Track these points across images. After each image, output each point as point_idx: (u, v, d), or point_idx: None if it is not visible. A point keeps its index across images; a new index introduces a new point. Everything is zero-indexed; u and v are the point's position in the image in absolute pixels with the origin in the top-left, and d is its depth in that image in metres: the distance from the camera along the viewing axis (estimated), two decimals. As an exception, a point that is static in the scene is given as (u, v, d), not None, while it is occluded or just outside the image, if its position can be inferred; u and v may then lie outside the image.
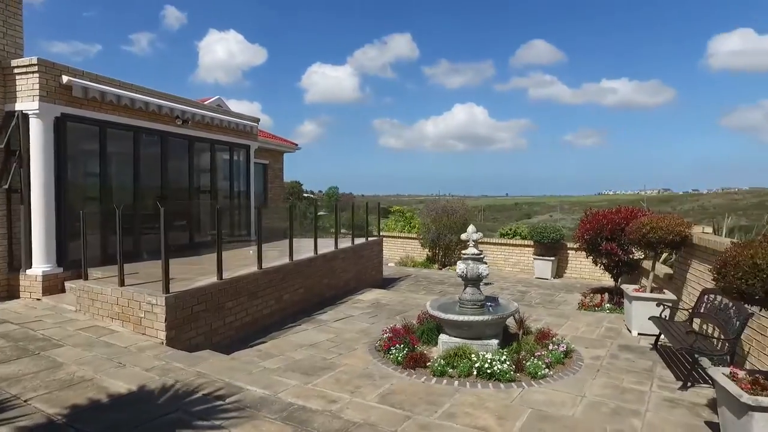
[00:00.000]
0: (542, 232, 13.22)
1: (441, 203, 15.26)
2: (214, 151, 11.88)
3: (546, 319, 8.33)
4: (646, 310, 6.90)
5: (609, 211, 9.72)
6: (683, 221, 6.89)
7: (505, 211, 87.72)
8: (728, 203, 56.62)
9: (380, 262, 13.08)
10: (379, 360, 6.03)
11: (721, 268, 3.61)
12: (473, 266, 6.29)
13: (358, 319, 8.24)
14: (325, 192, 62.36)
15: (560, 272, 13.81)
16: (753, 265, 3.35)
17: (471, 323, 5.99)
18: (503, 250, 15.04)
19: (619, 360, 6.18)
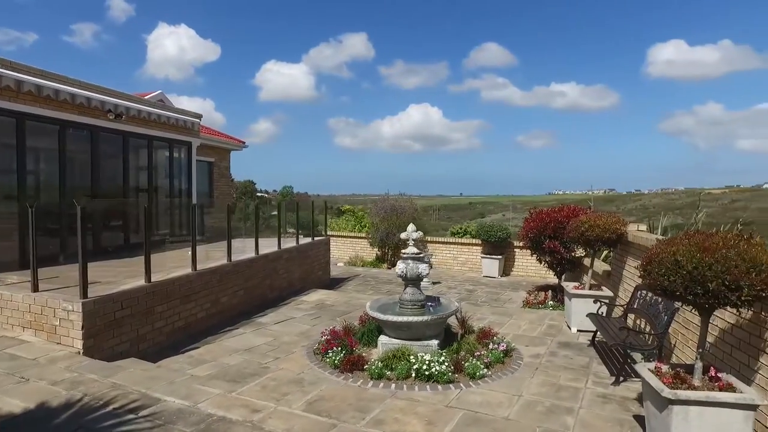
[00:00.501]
0: (489, 231, 13.35)
1: (389, 202, 15.17)
2: (153, 148, 11.32)
3: (490, 317, 8.35)
4: (584, 307, 6.99)
5: (552, 209, 9.87)
6: (619, 219, 7.03)
7: (459, 210, 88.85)
8: (666, 203, 59.52)
9: (327, 262, 12.84)
10: (317, 364, 5.82)
11: (647, 265, 3.62)
12: (413, 266, 6.18)
13: (300, 321, 8.00)
14: (279, 191, 61.35)
15: (507, 270, 13.99)
16: (674, 262, 3.37)
17: (410, 324, 5.87)
18: (452, 249, 15.10)
19: (557, 357, 6.22)
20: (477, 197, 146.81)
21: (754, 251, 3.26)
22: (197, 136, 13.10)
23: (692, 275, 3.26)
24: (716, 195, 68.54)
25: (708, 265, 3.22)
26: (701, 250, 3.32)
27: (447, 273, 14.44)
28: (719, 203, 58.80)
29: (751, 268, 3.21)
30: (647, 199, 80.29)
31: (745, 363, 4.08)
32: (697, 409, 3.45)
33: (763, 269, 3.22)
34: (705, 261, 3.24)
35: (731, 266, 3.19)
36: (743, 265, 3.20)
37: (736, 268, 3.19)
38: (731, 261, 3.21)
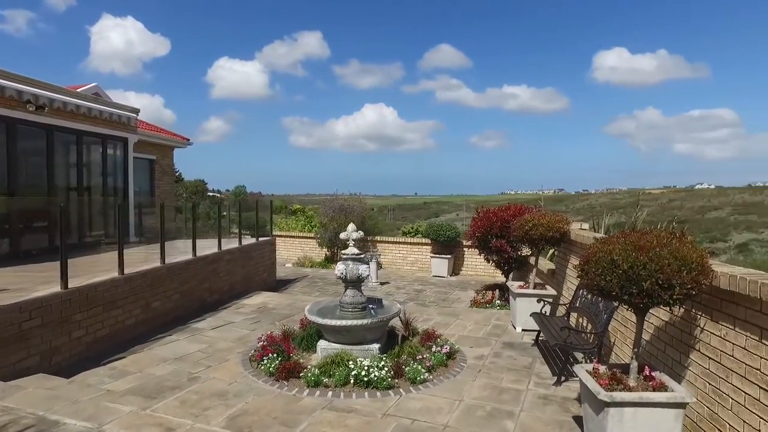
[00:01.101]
0: (438, 230, 13.29)
1: (338, 202, 14.88)
2: (83, 144, 10.60)
3: (436, 318, 8.23)
4: (529, 306, 6.96)
5: (499, 208, 9.87)
6: (562, 218, 7.04)
7: (414, 210, 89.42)
8: (611, 202, 61.95)
9: (273, 263, 12.44)
10: (251, 372, 5.49)
11: (584, 264, 3.53)
12: (353, 267, 5.94)
13: (239, 325, 7.61)
14: (232, 191, 59.68)
15: (457, 270, 13.98)
16: (611, 261, 3.28)
17: (350, 328, 5.63)
18: (402, 249, 14.98)
19: (501, 358, 6.14)
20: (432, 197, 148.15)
21: (685, 249, 3.22)
22: (134, 131, 12.40)
23: (627, 274, 3.18)
24: (655, 195, 71.98)
25: (642, 264, 3.15)
26: (636, 249, 3.25)
27: (396, 273, 14.29)
28: (658, 203, 61.76)
29: (682, 266, 3.16)
30: (594, 198, 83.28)
31: (676, 360, 4.07)
32: (632, 410, 3.40)
33: (693, 267, 3.17)
34: (640, 260, 3.17)
35: (664, 265, 3.13)
36: (675, 263, 3.15)
37: (668, 267, 3.13)
38: (664, 259, 3.15)
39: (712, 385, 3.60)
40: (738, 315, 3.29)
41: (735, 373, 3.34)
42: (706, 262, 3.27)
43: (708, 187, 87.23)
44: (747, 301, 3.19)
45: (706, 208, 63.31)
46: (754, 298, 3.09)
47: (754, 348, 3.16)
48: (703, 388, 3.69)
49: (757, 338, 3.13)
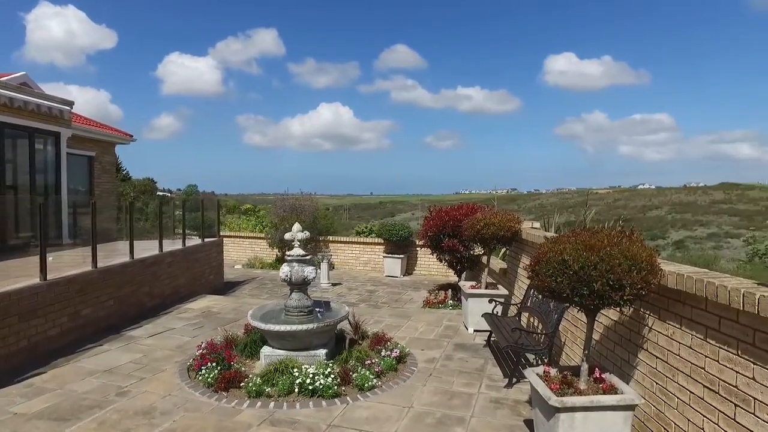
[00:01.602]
0: (391, 230, 13.14)
1: (289, 201, 14.49)
2: (6, 138, 9.79)
3: (387, 320, 8.04)
4: (480, 307, 6.88)
5: (451, 207, 9.79)
6: (514, 217, 7.00)
7: (370, 209, 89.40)
8: (561, 202, 63.92)
9: (221, 264, 11.93)
10: (188, 383, 5.11)
11: (535, 265, 3.41)
12: (299, 269, 5.65)
13: (180, 332, 7.16)
14: (183, 190, 57.57)
15: (410, 269, 13.87)
16: (561, 261, 3.16)
17: (294, 333, 5.34)
18: (354, 249, 14.74)
19: (452, 361, 6.00)
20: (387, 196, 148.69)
21: (635, 248, 3.14)
22: (68, 125, 11.59)
23: (578, 275, 3.07)
24: (602, 195, 74.90)
25: (593, 264, 3.05)
26: (587, 248, 3.14)
27: (349, 273, 14.04)
28: (604, 202, 64.27)
29: (632, 266, 3.08)
30: (545, 198, 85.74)
31: (625, 359, 4.03)
32: (582, 414, 3.30)
33: (643, 267, 3.10)
34: (591, 260, 3.06)
35: (615, 265, 3.04)
36: (625, 263, 3.06)
37: (619, 267, 3.04)
38: (615, 259, 3.06)
39: (659, 385, 3.56)
40: (684, 314, 3.25)
41: (681, 372, 3.30)
42: (655, 262, 3.21)
43: (649, 187, 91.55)
44: (693, 300, 3.14)
45: (647, 207, 66.47)
46: (699, 297, 3.04)
47: (699, 347, 3.12)
48: (651, 388, 3.65)
49: (702, 337, 3.08)
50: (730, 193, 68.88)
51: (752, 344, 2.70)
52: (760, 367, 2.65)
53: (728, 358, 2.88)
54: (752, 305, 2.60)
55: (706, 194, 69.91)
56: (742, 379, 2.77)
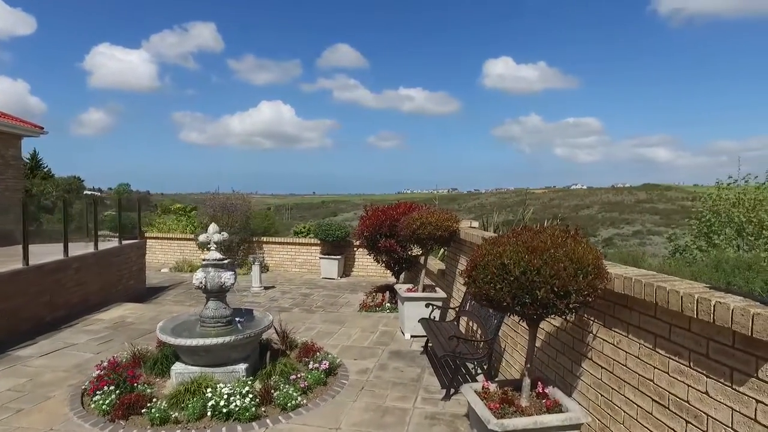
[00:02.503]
0: (327, 230, 12.59)
1: (220, 200, 13.61)
2: None
3: (320, 326, 7.53)
4: (417, 311, 6.51)
5: (388, 206, 9.40)
6: (452, 216, 6.68)
7: (312, 209, 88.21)
8: (500, 201, 65.55)
9: (142, 268, 10.95)
10: (78, 412, 4.38)
11: (471, 270, 3.03)
12: (215, 275, 5.04)
13: (83, 348, 6.33)
14: (114, 189, 54.06)
15: (348, 271, 13.39)
16: (501, 266, 2.80)
17: (210, 347, 4.73)
18: (290, 250, 14.08)
19: (387, 371, 5.58)
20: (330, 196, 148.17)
21: (581, 250, 2.83)
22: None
23: (520, 281, 2.71)
24: (538, 194, 77.62)
25: (536, 268, 2.70)
26: (529, 250, 2.79)
27: (284, 276, 13.38)
28: (540, 201, 66.57)
29: (578, 270, 2.76)
30: (484, 198, 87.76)
31: (568, 368, 3.76)
32: (525, 436, 2.95)
33: (590, 270, 2.79)
34: (533, 264, 2.71)
35: (560, 269, 2.70)
36: (571, 267, 2.74)
37: (564, 271, 2.71)
38: (560, 263, 2.72)
39: (604, 397, 3.28)
40: (632, 321, 2.97)
41: (628, 384, 3.03)
42: (602, 264, 2.91)
43: (581, 187, 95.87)
44: (641, 305, 2.87)
45: (580, 207, 69.49)
46: (648, 303, 2.77)
47: (647, 357, 2.85)
48: (596, 400, 3.38)
49: (651, 346, 2.81)
50: (652, 193, 73.27)
51: (705, 355, 2.44)
52: (714, 381, 2.38)
53: (679, 370, 2.61)
54: (707, 313, 2.33)
55: (631, 194, 73.96)
56: (695, 393, 2.51)
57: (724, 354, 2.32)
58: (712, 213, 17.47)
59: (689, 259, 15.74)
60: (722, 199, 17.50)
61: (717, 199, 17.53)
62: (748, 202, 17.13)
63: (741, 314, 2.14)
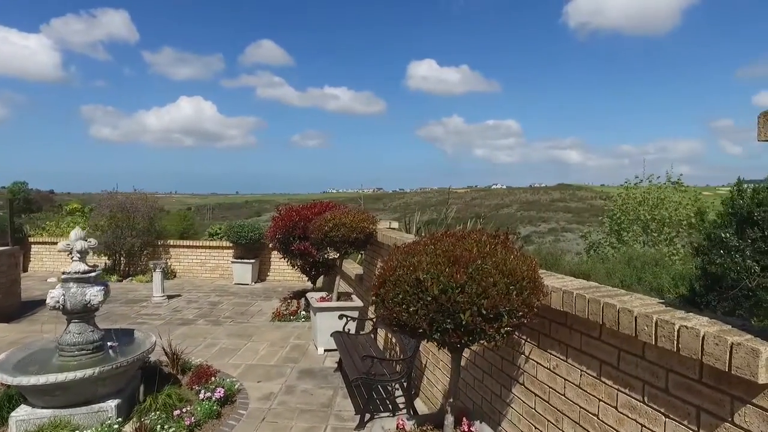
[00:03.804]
0: (239, 232, 11.56)
1: (118, 198, 12.16)
2: None
3: (223, 341, 6.65)
4: (331, 322, 5.83)
5: (303, 206, 8.64)
6: (368, 217, 6.07)
7: (234, 209, 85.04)
8: (424, 200, 66.41)
9: (15, 280, 9.40)
10: None
11: (380, 287, 2.40)
12: (77, 291, 4.07)
13: None
14: (7, 188, 48.56)
15: (263, 275, 12.44)
16: (416, 282, 2.19)
17: (67, 384, 3.77)
18: (200, 254, 12.89)
19: (295, 395, 4.86)
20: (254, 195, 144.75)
21: (513, 261, 2.29)
22: None
23: (439, 302, 2.12)
24: (461, 194, 79.65)
25: (460, 285, 2.12)
26: (451, 261, 2.21)
27: (192, 282, 12.18)
28: (463, 201, 68.25)
29: (511, 285, 2.21)
30: (409, 197, 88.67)
31: (497, 393, 3.25)
32: (448, 489, 2.38)
33: (525, 285, 2.25)
34: (457, 280, 2.13)
35: (489, 285, 2.14)
36: (502, 281, 2.19)
37: (494, 288, 2.15)
38: (489, 277, 2.16)
39: (538, 430, 2.79)
40: (572, 343, 2.49)
41: (567, 417, 2.54)
42: (537, 277, 2.39)
43: (501, 187, 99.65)
44: (583, 325, 2.39)
45: (500, 206, 72.01)
46: (593, 323, 2.28)
47: (591, 387, 2.37)
48: (528, 432, 2.88)
49: (595, 375, 2.33)
50: (565, 192, 77.53)
51: (665, 390, 1.97)
52: (676, 423, 1.91)
53: (630, 406, 2.13)
54: (669, 339, 1.85)
55: (547, 194, 77.79)
56: (649, 434, 2.04)
57: (688, 390, 1.86)
58: (622, 211, 18.29)
59: (602, 256, 16.32)
60: (630, 198, 18.37)
61: (626, 198, 18.36)
62: (652, 201, 18.06)
63: (715, 343, 1.67)
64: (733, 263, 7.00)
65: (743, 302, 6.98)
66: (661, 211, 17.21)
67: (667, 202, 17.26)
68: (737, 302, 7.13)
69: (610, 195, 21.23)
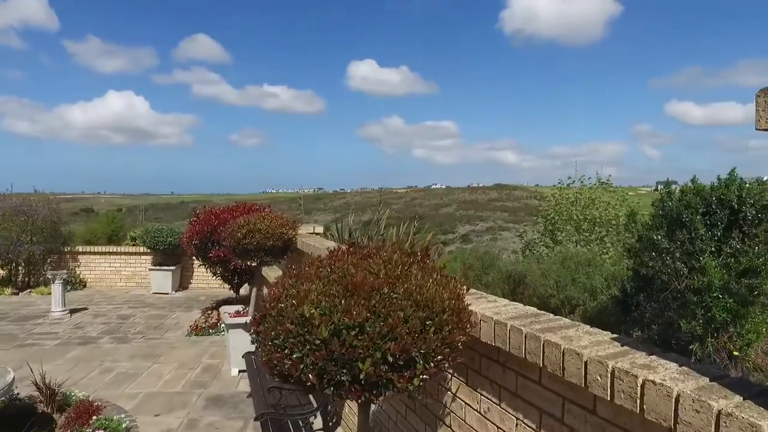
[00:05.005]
0: (157, 236, 10.54)
1: (12, 201, 10.79)
2: None
3: (123, 365, 5.82)
4: (246, 340, 5.15)
5: (223, 208, 7.89)
6: (287, 221, 5.43)
7: (170, 210, 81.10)
8: (365, 200, 65.94)
9: None
10: None
11: (259, 323, 1.82)
12: None
13: None
14: None
15: (185, 283, 11.46)
16: (301, 320, 1.63)
17: None
18: (115, 261, 11.72)
19: (197, 430, 4.18)
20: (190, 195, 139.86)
21: (432, 286, 1.77)
22: None
23: (330, 349, 1.57)
24: (401, 194, 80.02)
25: (358, 325, 1.58)
26: (350, 290, 1.67)
27: (105, 293, 11.02)
28: (403, 201, 68.55)
29: (428, 320, 1.70)
30: (350, 197, 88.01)
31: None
32: None
33: (447, 319, 1.74)
34: (354, 317, 1.58)
35: (397, 322, 1.61)
36: (416, 315, 1.66)
37: (405, 324, 1.63)
38: (398, 310, 1.64)
39: (467, 482, 2.31)
40: (507, 385, 2.01)
41: (501, 472, 2.07)
42: (463, 305, 1.89)
43: (440, 187, 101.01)
44: (520, 365, 1.91)
45: (439, 205, 72.84)
46: (531, 364, 1.81)
47: (529, 437, 1.90)
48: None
49: (534, 427, 1.86)
50: (502, 192, 79.66)
51: (622, 457, 1.51)
52: (637, 500, 1.46)
53: (578, 471, 1.67)
54: (630, 396, 1.39)
55: (484, 193, 79.57)
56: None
57: (654, 462, 1.41)
58: (556, 211, 18.64)
59: (537, 255, 16.48)
60: (563, 198, 18.76)
61: (559, 199, 18.73)
62: (584, 201, 18.52)
63: (695, 410, 1.21)
64: (664, 266, 6.91)
65: (671, 303, 6.92)
66: (592, 211, 17.65)
67: (598, 203, 17.72)
68: (666, 303, 7.07)
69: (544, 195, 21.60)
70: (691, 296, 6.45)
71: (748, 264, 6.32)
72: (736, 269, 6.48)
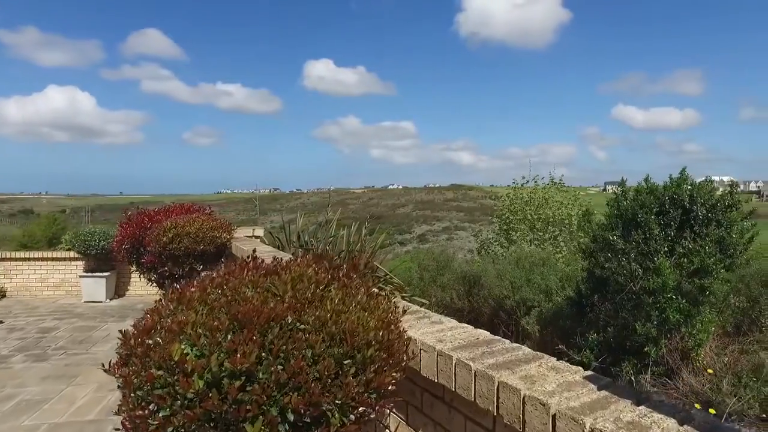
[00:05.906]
0: (88, 240, 9.66)
1: None
2: None
3: (30, 389, 5.12)
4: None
5: (158, 210, 7.21)
6: (221, 223, 4.92)
7: (117, 211, 77.66)
8: (322, 201, 65.15)
9: None
10: None
11: (122, 365, 1.36)
12: None
13: None
14: None
15: (121, 290, 10.61)
16: (169, 363, 1.18)
17: None
18: (41, 267, 10.73)
19: (106, 465, 3.62)
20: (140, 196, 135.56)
21: (354, 312, 1.36)
22: None
23: (207, 406, 1.13)
24: (358, 194, 79.71)
25: (246, 372, 1.15)
26: (240, 320, 1.23)
27: (28, 303, 10.05)
28: (360, 201, 68.19)
29: (346, 358, 1.28)
30: (306, 197, 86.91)
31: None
32: None
33: (374, 356, 1.33)
34: (238, 361, 1.15)
35: (302, 364, 1.19)
36: (330, 354, 1.25)
37: (314, 366, 1.21)
38: (305, 347, 1.21)
39: None
40: (453, 427, 1.62)
41: None
42: (396, 334, 1.48)
43: (398, 187, 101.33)
44: (469, 408, 1.52)
45: (396, 205, 72.91)
46: (482, 410, 1.42)
47: (481, 492, 1.52)
48: None
49: (489, 479, 1.48)
50: (458, 192, 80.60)
51: None
52: None
53: None
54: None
55: (441, 194, 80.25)
56: None
57: None
58: (510, 211, 18.74)
59: (492, 255, 16.47)
60: (517, 197, 18.89)
61: (514, 199, 18.85)
62: (537, 201, 18.72)
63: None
64: (620, 266, 6.80)
65: (626, 304, 6.82)
66: (546, 210, 17.83)
67: (551, 202, 17.92)
68: (620, 304, 6.97)
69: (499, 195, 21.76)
70: (646, 297, 6.36)
71: (700, 264, 6.28)
72: (688, 269, 6.43)
